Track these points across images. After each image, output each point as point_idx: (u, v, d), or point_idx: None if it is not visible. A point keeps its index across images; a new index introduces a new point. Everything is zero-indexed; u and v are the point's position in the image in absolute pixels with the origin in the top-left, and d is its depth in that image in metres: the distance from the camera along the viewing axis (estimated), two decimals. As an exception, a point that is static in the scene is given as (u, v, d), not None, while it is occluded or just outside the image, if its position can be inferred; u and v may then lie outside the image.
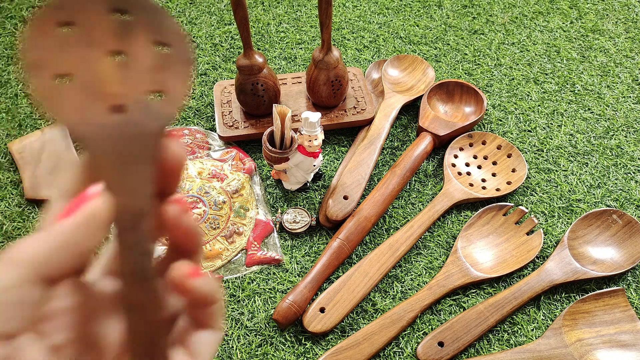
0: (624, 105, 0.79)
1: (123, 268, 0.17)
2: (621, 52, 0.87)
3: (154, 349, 0.18)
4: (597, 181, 0.70)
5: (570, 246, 0.61)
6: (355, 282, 0.59)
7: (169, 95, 0.18)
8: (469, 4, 0.95)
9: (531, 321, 0.58)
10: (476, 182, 0.68)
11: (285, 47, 0.87)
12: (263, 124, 0.72)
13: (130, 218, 0.17)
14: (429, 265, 0.63)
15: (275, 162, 0.63)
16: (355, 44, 0.87)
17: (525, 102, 0.79)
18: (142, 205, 0.17)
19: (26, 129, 0.74)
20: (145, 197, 0.17)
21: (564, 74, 0.83)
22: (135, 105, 0.17)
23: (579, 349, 0.54)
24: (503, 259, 0.62)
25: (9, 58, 0.84)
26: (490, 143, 0.72)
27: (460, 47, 0.87)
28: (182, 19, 0.91)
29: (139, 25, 0.17)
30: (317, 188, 0.69)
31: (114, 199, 0.17)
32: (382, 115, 0.73)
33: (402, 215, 0.67)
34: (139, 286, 0.17)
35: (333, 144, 0.74)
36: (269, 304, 0.59)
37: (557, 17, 0.93)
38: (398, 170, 0.67)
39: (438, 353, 0.54)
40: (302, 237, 0.64)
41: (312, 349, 0.56)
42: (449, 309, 0.59)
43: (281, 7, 0.93)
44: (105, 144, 0.17)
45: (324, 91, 0.70)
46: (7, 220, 0.65)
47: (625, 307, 0.57)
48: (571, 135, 0.75)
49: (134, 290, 0.17)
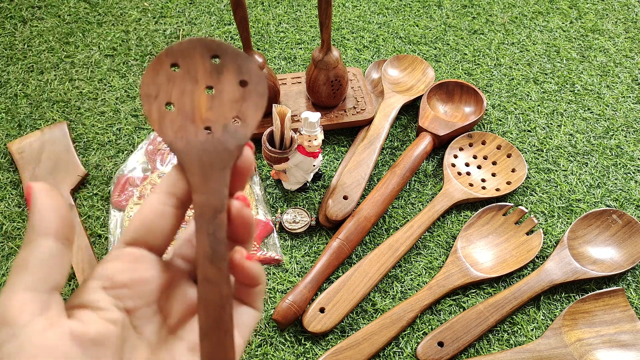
0: (624, 105, 0.79)
1: (202, 250, 0.21)
2: (621, 52, 0.87)
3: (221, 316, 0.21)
4: (597, 181, 0.70)
5: (570, 246, 0.61)
6: (355, 282, 0.59)
7: (246, 121, 0.23)
8: (468, 4, 0.95)
9: (531, 321, 0.58)
10: (476, 182, 0.68)
11: (285, 47, 0.87)
12: (263, 124, 0.72)
13: (211, 212, 0.21)
14: (428, 265, 0.63)
15: (275, 162, 0.63)
16: (355, 44, 0.87)
17: (525, 102, 0.79)
18: (220, 203, 0.22)
19: (26, 129, 0.74)
20: (223, 197, 0.22)
21: (563, 74, 0.83)
22: (220, 128, 0.22)
23: (578, 348, 0.54)
24: (503, 259, 0.62)
25: (8, 58, 0.84)
26: (490, 143, 0.72)
27: (460, 47, 0.87)
28: (182, 19, 0.91)
29: (227, 67, 0.23)
30: (316, 188, 0.69)
31: (199, 196, 0.21)
32: (381, 115, 0.73)
33: (402, 215, 0.67)
34: (214, 265, 0.21)
35: (333, 144, 0.74)
36: (269, 304, 0.59)
37: (556, 17, 0.93)
38: (398, 170, 0.67)
39: (438, 353, 0.54)
40: (302, 237, 0.64)
41: (312, 349, 0.56)
42: (448, 309, 0.59)
43: (281, 7, 0.93)
44: (195, 156, 0.22)
45: (324, 91, 0.70)
46: (7, 220, 0.65)
47: (625, 307, 0.57)
48: (571, 135, 0.75)
49: (210, 268, 0.21)
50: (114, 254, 0.22)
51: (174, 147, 0.22)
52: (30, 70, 0.82)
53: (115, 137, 0.74)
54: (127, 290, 0.21)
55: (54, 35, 0.87)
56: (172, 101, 0.23)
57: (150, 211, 0.22)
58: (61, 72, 0.82)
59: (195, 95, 0.23)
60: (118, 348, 0.20)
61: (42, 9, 0.92)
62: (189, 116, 0.22)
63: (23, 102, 0.78)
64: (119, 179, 0.67)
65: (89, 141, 0.73)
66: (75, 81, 0.81)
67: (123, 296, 0.21)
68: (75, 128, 0.75)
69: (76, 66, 0.83)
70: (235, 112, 0.23)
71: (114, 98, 0.78)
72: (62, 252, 0.20)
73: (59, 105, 0.77)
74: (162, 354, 0.22)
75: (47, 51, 0.85)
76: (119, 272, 0.21)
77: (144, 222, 0.22)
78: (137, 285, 0.21)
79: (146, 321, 0.22)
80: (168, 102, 0.23)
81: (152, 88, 0.22)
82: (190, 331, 0.23)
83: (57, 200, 0.20)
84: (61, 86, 0.80)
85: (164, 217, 0.22)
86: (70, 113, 0.77)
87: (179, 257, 0.24)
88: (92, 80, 0.81)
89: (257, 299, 0.24)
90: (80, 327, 0.19)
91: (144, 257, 0.22)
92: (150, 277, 0.22)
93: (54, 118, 0.76)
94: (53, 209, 0.20)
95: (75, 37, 0.87)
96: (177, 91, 0.23)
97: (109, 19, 0.90)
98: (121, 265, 0.21)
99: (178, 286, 0.23)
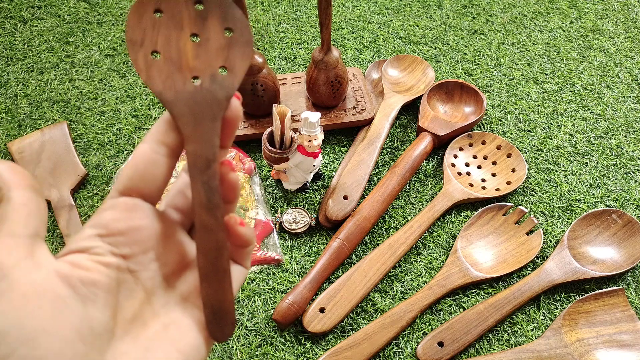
0: (624, 105, 0.79)
1: (198, 200, 0.22)
2: (621, 52, 0.87)
3: (220, 260, 0.23)
4: (597, 181, 0.70)
5: (570, 246, 0.61)
6: (355, 282, 0.59)
7: (233, 71, 0.23)
8: (468, 4, 0.95)
9: (531, 321, 0.58)
10: (476, 182, 0.68)
11: (285, 47, 0.87)
12: (263, 124, 0.72)
13: (204, 162, 0.22)
14: (428, 265, 0.63)
15: (275, 162, 0.63)
16: (355, 44, 0.87)
17: (525, 102, 0.79)
18: (212, 153, 0.22)
19: (26, 129, 0.74)
20: (214, 146, 0.22)
21: (563, 74, 0.83)
22: (208, 77, 0.22)
23: (578, 348, 0.54)
24: (503, 259, 0.62)
25: (8, 58, 0.84)
26: (490, 143, 0.72)
27: (460, 47, 0.87)
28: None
29: (212, 14, 0.23)
30: (316, 188, 0.69)
31: (191, 147, 0.22)
32: (381, 115, 0.73)
33: (402, 215, 0.67)
34: (210, 213, 0.22)
35: (333, 144, 0.74)
36: (269, 304, 0.59)
37: (556, 17, 0.93)
38: (398, 170, 0.67)
39: (438, 353, 0.54)
40: (302, 237, 0.64)
41: (312, 349, 0.56)
42: (448, 309, 0.59)
43: (281, 7, 0.93)
44: (186, 107, 0.22)
45: (324, 91, 0.70)
46: (6, 221, 0.65)
47: (625, 307, 0.57)
48: (571, 135, 0.75)
49: (205, 216, 0.22)
50: (109, 203, 0.22)
51: (163, 97, 0.22)
52: (30, 70, 0.82)
53: (115, 137, 0.74)
54: (123, 238, 0.21)
55: (54, 35, 0.87)
56: (158, 49, 0.22)
57: (142, 160, 0.22)
58: (61, 72, 0.82)
59: (181, 43, 0.22)
60: (112, 290, 0.21)
61: (42, 9, 0.92)
62: (176, 65, 0.22)
63: (23, 102, 0.78)
64: (119, 179, 0.67)
65: (89, 141, 0.73)
66: (75, 81, 0.81)
67: (119, 243, 0.21)
68: (75, 128, 0.75)
69: (76, 66, 0.83)
70: (222, 61, 0.23)
71: (114, 98, 0.78)
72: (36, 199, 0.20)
73: (59, 105, 0.77)
74: (156, 300, 0.23)
75: (47, 51, 0.85)
76: (114, 221, 0.21)
77: (136, 171, 0.22)
78: (133, 233, 0.22)
79: (143, 267, 0.22)
80: (154, 50, 0.22)
81: (137, 33, 0.22)
82: (184, 282, 0.24)
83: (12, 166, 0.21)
84: (61, 86, 0.80)
85: (157, 165, 0.22)
86: (70, 113, 0.77)
87: (172, 208, 0.25)
88: (92, 80, 0.81)
89: (246, 257, 0.25)
90: (67, 268, 0.20)
91: (138, 205, 0.22)
92: (146, 225, 0.22)
93: (54, 118, 0.76)
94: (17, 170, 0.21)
95: (75, 37, 0.87)
96: (163, 38, 0.22)
97: (109, 19, 0.90)
98: (116, 214, 0.22)
99: (172, 236, 0.24)
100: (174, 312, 0.23)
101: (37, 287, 0.18)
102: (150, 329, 0.22)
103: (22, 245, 0.19)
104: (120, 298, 0.21)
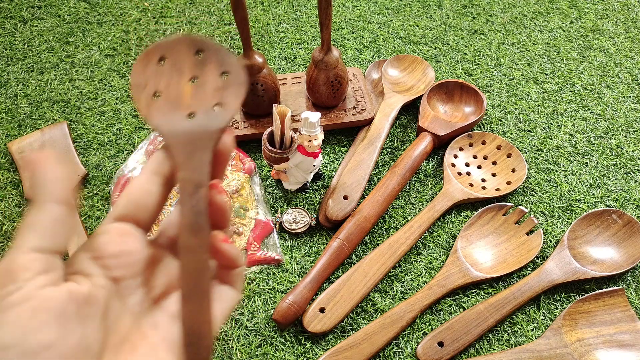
0: (624, 105, 0.79)
1: (184, 222, 0.23)
2: (621, 52, 0.87)
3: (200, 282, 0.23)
4: (597, 181, 0.70)
5: (570, 246, 0.61)
6: (355, 282, 0.59)
7: (226, 107, 0.25)
8: (468, 4, 0.95)
9: (531, 321, 0.58)
10: (476, 182, 0.68)
11: (285, 47, 0.87)
12: (263, 124, 0.72)
13: (193, 187, 0.23)
14: (428, 265, 0.63)
15: (275, 162, 0.63)
16: (355, 44, 0.87)
17: (525, 102, 0.79)
18: (201, 178, 0.23)
19: (26, 129, 0.74)
20: (203, 173, 0.23)
21: (563, 74, 0.83)
22: (203, 112, 0.24)
23: (578, 349, 0.54)
24: (503, 259, 0.62)
25: (8, 58, 0.84)
26: (490, 143, 0.72)
27: (460, 47, 0.87)
28: (182, 19, 0.91)
29: (210, 60, 0.25)
30: (317, 188, 0.69)
31: (182, 174, 0.23)
32: (382, 115, 0.73)
33: (402, 215, 0.67)
34: (193, 234, 0.23)
35: (333, 144, 0.74)
36: (269, 304, 0.59)
37: (557, 17, 0.93)
38: (398, 170, 0.67)
39: (438, 353, 0.54)
40: (302, 237, 0.64)
41: (312, 349, 0.56)
42: (448, 309, 0.59)
43: (281, 7, 0.93)
44: (180, 137, 0.24)
45: (324, 91, 0.70)
46: (7, 220, 0.65)
47: (625, 307, 0.57)
48: (571, 135, 0.75)
49: (190, 238, 0.23)
50: (103, 228, 0.23)
51: (161, 129, 0.24)
52: (30, 70, 0.82)
53: (115, 137, 0.74)
54: (114, 260, 0.22)
55: (54, 35, 0.87)
56: (159, 91, 0.25)
57: (137, 189, 0.24)
58: (61, 72, 0.82)
59: (181, 85, 0.25)
60: (104, 312, 0.21)
61: (42, 9, 0.92)
62: (175, 103, 0.24)
63: (23, 102, 0.78)
64: (119, 179, 0.67)
65: (89, 141, 0.73)
66: (75, 81, 0.81)
67: (110, 266, 0.22)
68: (75, 128, 0.75)
69: (76, 66, 0.83)
70: (217, 99, 0.25)
71: (114, 98, 0.78)
72: (68, 217, 0.21)
73: (59, 105, 0.77)
74: (145, 322, 0.23)
75: (47, 51, 0.85)
76: (107, 244, 0.22)
77: (131, 199, 0.23)
78: (124, 256, 0.23)
79: (131, 292, 0.23)
80: (156, 91, 0.24)
81: (141, 78, 0.24)
82: (173, 302, 0.24)
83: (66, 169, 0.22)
84: (61, 86, 0.80)
85: (151, 194, 0.24)
86: (70, 113, 0.77)
87: (164, 236, 0.26)
88: (92, 80, 0.81)
89: (237, 280, 0.25)
90: (75, 287, 0.20)
91: (131, 231, 0.23)
92: (137, 250, 0.23)
93: (54, 118, 0.76)
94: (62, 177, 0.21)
95: (75, 37, 0.87)
96: (164, 82, 0.25)
97: (109, 19, 0.90)
98: (109, 238, 0.23)
99: (162, 261, 0.25)
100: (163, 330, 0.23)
101: (48, 303, 0.19)
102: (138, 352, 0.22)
103: (42, 260, 0.20)
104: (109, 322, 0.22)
